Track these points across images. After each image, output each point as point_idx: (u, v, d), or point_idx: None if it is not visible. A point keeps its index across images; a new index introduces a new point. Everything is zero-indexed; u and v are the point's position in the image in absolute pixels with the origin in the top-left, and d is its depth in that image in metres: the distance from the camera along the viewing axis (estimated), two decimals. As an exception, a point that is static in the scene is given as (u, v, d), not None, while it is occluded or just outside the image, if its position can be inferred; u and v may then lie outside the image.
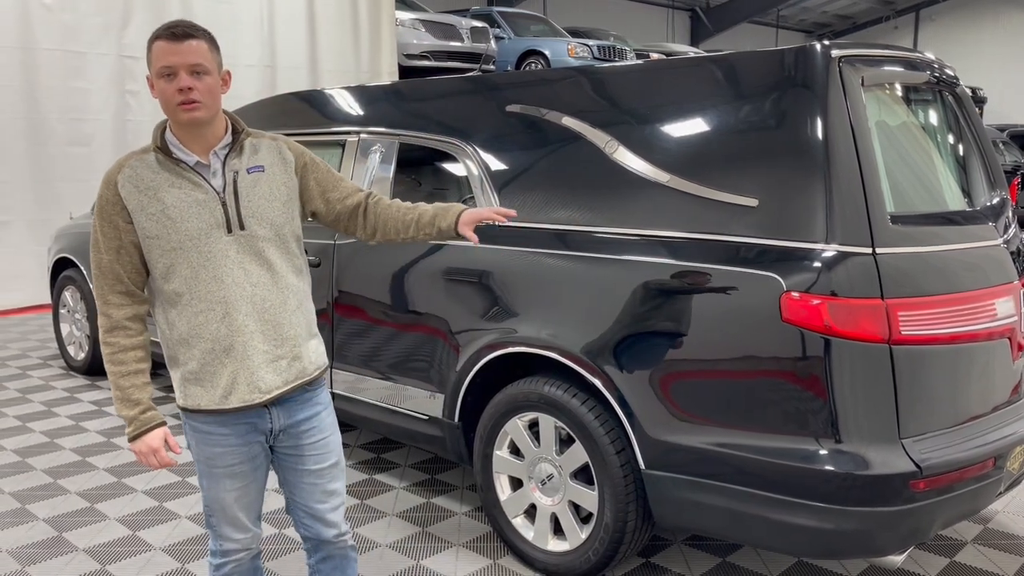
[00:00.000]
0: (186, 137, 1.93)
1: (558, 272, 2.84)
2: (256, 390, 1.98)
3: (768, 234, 2.45)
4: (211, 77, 1.88)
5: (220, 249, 1.93)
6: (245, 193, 1.96)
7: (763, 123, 2.52)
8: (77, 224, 5.65)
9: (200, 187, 1.93)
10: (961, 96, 3.01)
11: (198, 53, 1.86)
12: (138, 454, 1.97)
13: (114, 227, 1.92)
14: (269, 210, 1.99)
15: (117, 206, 1.91)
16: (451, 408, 3.17)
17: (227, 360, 1.95)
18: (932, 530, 2.41)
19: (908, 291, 2.35)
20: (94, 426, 4.56)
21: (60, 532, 3.32)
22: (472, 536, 3.26)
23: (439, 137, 3.36)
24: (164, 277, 1.94)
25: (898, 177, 2.58)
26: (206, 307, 1.93)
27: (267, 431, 2.05)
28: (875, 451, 2.30)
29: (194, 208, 1.91)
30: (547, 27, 14.66)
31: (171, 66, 1.83)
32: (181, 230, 1.90)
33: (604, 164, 2.85)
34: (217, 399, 1.97)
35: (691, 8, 27.16)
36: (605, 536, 2.75)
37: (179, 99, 1.84)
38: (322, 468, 2.13)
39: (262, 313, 1.97)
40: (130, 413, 1.95)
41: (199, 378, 1.97)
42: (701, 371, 2.51)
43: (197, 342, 1.95)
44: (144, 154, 1.95)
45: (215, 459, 2.02)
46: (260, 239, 1.97)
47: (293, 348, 2.03)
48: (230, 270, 1.94)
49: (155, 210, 1.90)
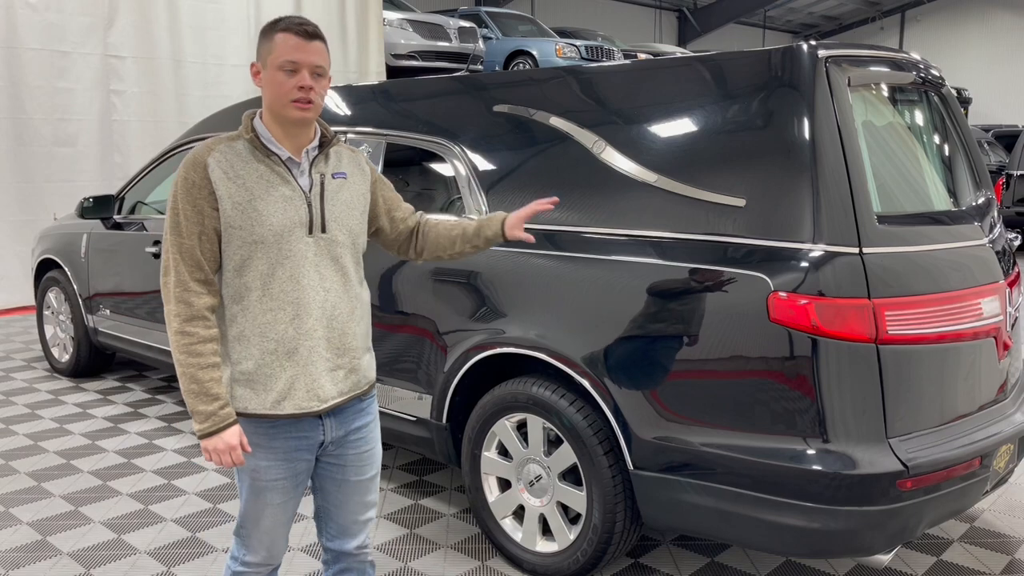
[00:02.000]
0: (281, 133, 1.90)
1: (546, 273, 2.84)
2: (315, 398, 1.91)
3: (756, 234, 2.45)
4: (325, 80, 1.89)
5: (300, 249, 1.88)
6: (330, 197, 1.94)
7: (750, 123, 2.52)
8: (61, 225, 5.60)
9: (288, 183, 1.89)
10: (947, 96, 3.03)
11: (322, 55, 1.86)
12: (212, 452, 1.86)
13: (199, 212, 1.84)
14: (349, 218, 1.97)
15: (205, 190, 1.84)
16: (439, 409, 3.16)
17: (288, 363, 1.89)
18: (919, 529, 2.42)
19: (895, 291, 2.36)
20: (78, 429, 4.52)
21: (44, 536, 3.28)
22: (460, 538, 3.25)
23: (426, 137, 3.35)
24: (237, 269, 1.87)
25: (885, 177, 2.58)
26: (277, 306, 1.87)
27: (317, 444, 1.98)
28: (862, 451, 2.31)
29: (281, 203, 1.87)
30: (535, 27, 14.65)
31: (296, 62, 1.82)
32: (266, 224, 1.85)
33: (592, 164, 2.84)
34: (269, 404, 1.89)
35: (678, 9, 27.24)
36: (593, 537, 2.74)
37: (297, 96, 1.83)
38: (362, 480, 2.07)
39: (331, 320, 1.93)
40: (208, 408, 1.84)
41: (252, 380, 1.89)
42: (689, 371, 2.51)
43: (259, 341, 1.87)
44: (232, 141, 1.90)
45: (260, 471, 1.94)
46: (338, 244, 1.94)
47: (352, 359, 1.99)
48: (307, 272, 1.89)
49: (242, 199, 1.84)
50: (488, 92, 3.25)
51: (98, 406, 4.92)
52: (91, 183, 8.32)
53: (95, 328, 5.19)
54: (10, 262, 8.05)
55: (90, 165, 8.42)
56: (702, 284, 2.48)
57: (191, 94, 8.96)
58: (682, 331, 2.51)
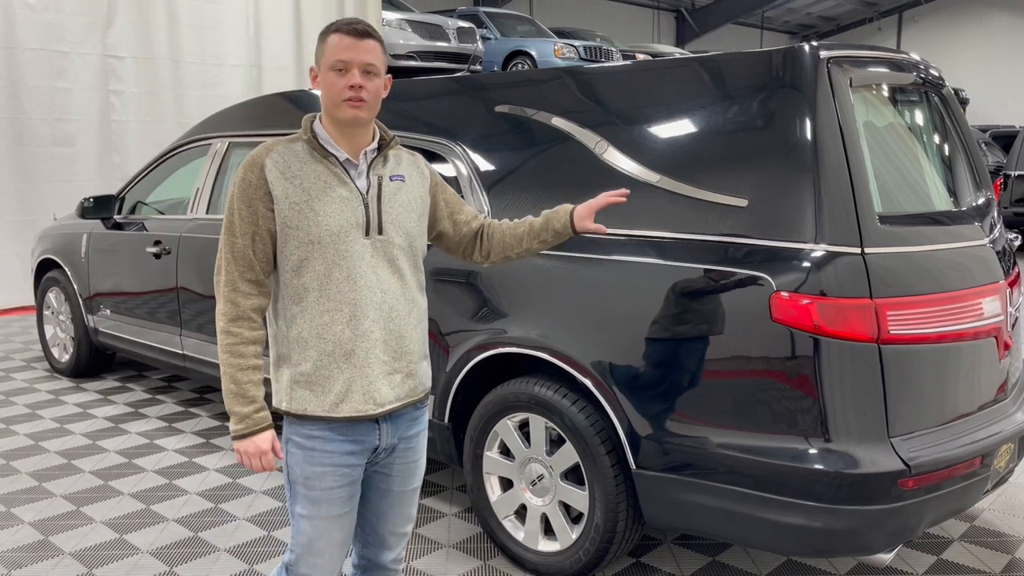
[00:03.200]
0: (338, 135, 1.90)
1: (549, 273, 2.84)
2: (371, 401, 1.89)
3: (758, 234, 2.46)
4: (379, 79, 1.88)
5: (356, 250, 1.87)
6: (388, 199, 1.93)
7: (753, 124, 2.53)
8: (61, 225, 5.60)
9: (346, 184, 1.89)
10: (947, 97, 3.04)
11: (373, 53, 1.85)
12: (243, 454, 1.85)
13: (253, 212, 1.85)
14: (407, 220, 1.96)
15: (260, 190, 1.85)
16: (441, 409, 3.16)
17: (345, 366, 1.87)
18: (920, 528, 2.43)
19: (896, 291, 2.37)
20: (79, 429, 4.52)
21: (46, 536, 3.29)
22: (462, 537, 3.25)
23: (428, 137, 3.35)
24: (295, 270, 1.86)
25: (886, 177, 2.59)
26: (334, 307, 1.86)
27: (372, 449, 1.95)
28: (864, 450, 2.32)
29: (338, 204, 1.86)
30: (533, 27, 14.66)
31: (347, 61, 1.82)
32: (323, 224, 1.84)
33: (594, 164, 2.85)
34: (328, 406, 1.87)
35: (676, 9, 27.26)
36: (596, 536, 2.75)
37: (348, 95, 1.83)
38: (405, 491, 2.05)
39: (388, 322, 1.90)
40: (244, 410, 1.84)
41: (311, 381, 1.88)
42: (692, 371, 2.52)
43: (317, 343, 1.86)
44: (291, 143, 1.91)
45: (315, 479, 1.90)
46: (395, 247, 1.92)
47: (410, 364, 1.96)
48: (363, 273, 1.88)
49: (299, 199, 1.84)
50: (490, 92, 3.26)
51: (98, 406, 4.92)
52: (90, 183, 8.32)
53: (95, 328, 5.19)
54: (9, 262, 8.04)
55: (89, 165, 8.41)
56: (704, 284, 2.49)
57: (190, 94, 8.96)
58: (684, 331, 2.52)
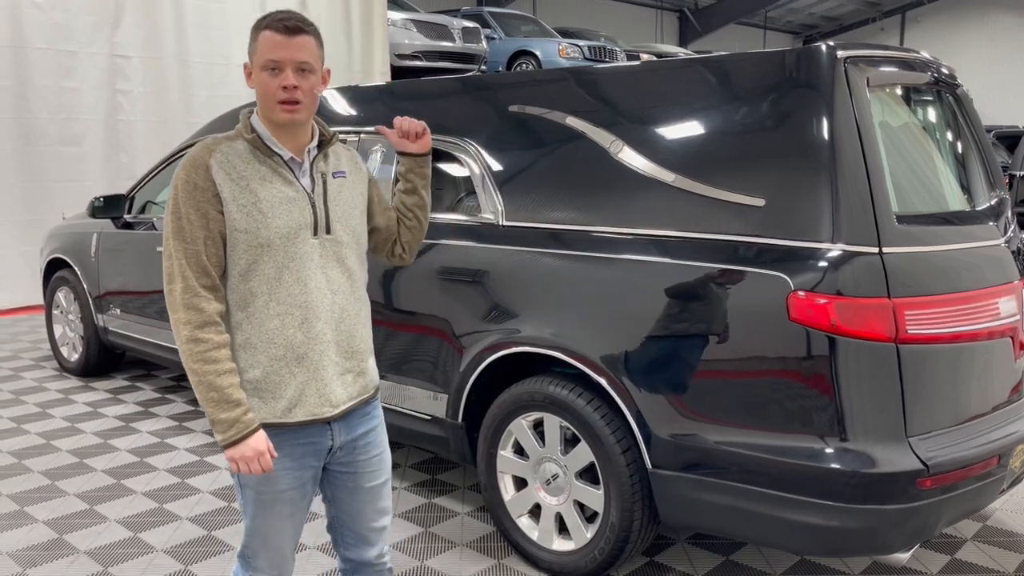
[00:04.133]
0: (278, 132, 1.84)
1: (564, 272, 2.85)
2: (326, 403, 1.87)
3: (775, 234, 2.46)
4: (315, 76, 1.82)
5: (306, 251, 1.84)
6: (333, 197, 1.90)
7: (769, 123, 2.54)
8: (70, 224, 5.61)
9: (292, 184, 1.85)
10: (961, 97, 3.04)
11: (307, 50, 1.79)
12: (240, 460, 1.78)
13: (203, 215, 1.77)
14: (352, 217, 1.94)
15: (208, 192, 1.77)
16: (455, 408, 3.17)
17: (298, 370, 1.84)
18: (938, 528, 2.43)
19: (914, 291, 2.37)
20: (90, 428, 4.53)
21: (60, 534, 3.29)
22: (476, 536, 3.26)
23: (441, 137, 3.35)
24: (243, 274, 1.81)
25: (902, 177, 2.59)
26: (284, 311, 1.82)
27: (326, 450, 1.94)
28: (882, 449, 2.32)
29: (285, 205, 1.82)
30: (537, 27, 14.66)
31: (278, 61, 1.76)
32: (272, 227, 1.79)
33: (608, 164, 2.85)
34: (279, 412, 1.84)
35: (679, 9, 27.25)
36: (611, 535, 2.75)
37: (281, 97, 1.77)
38: (374, 486, 2.04)
39: (339, 323, 1.89)
40: (231, 415, 1.77)
41: (259, 388, 1.84)
42: (708, 370, 2.52)
43: (266, 348, 1.82)
44: (231, 141, 1.84)
45: (266, 483, 1.88)
46: (343, 245, 1.90)
47: (360, 362, 1.96)
48: (313, 274, 1.85)
49: (247, 202, 1.79)
50: (503, 92, 3.26)
51: (109, 405, 4.93)
52: (97, 183, 8.33)
53: (105, 327, 5.20)
54: (15, 262, 8.05)
55: (96, 165, 8.42)
56: (721, 284, 2.49)
57: (197, 94, 8.97)
58: (701, 330, 2.52)
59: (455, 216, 3.28)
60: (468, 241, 3.15)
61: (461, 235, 3.19)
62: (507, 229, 3.06)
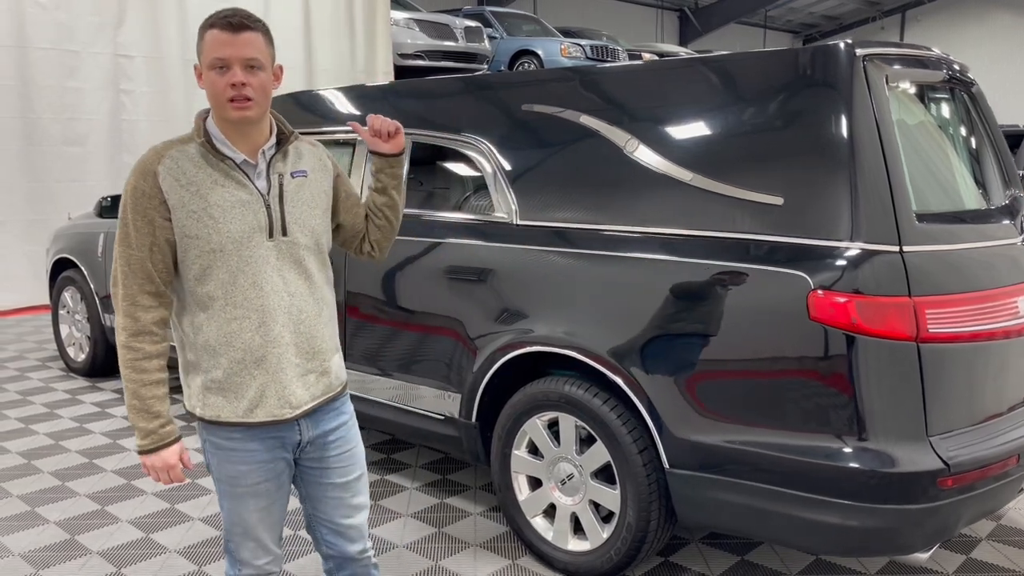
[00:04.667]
0: (232, 133, 1.82)
1: (578, 270, 2.84)
2: (287, 405, 1.88)
3: (794, 232, 2.45)
4: (265, 73, 1.79)
5: (261, 255, 1.83)
6: (290, 198, 1.88)
7: (788, 122, 2.53)
8: (76, 224, 5.59)
9: (245, 187, 1.83)
10: (976, 95, 3.03)
11: (254, 46, 1.76)
12: (150, 468, 1.86)
13: (149, 222, 1.78)
14: (311, 217, 1.92)
15: (155, 199, 1.78)
16: (468, 408, 3.16)
17: (257, 372, 1.85)
18: (958, 528, 2.42)
19: (934, 290, 2.36)
20: (99, 428, 4.52)
21: (72, 535, 3.28)
22: (489, 536, 3.25)
23: (453, 136, 3.34)
24: (198, 279, 1.82)
25: (919, 175, 2.59)
26: (241, 314, 1.82)
27: (295, 444, 1.95)
28: (903, 448, 2.31)
29: (238, 209, 1.81)
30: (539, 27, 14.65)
31: (225, 59, 1.74)
32: (223, 231, 1.79)
33: (624, 163, 2.84)
34: (241, 412, 1.86)
35: (679, 8, 27.24)
36: (628, 536, 2.75)
37: (230, 95, 1.75)
38: (348, 481, 2.03)
39: (298, 324, 1.88)
40: (148, 426, 1.83)
41: (223, 388, 1.86)
42: (726, 370, 2.51)
43: (226, 350, 1.83)
44: (184, 145, 1.83)
45: (239, 477, 1.90)
46: (301, 247, 1.89)
47: (323, 363, 1.95)
48: (269, 277, 1.84)
49: (197, 207, 1.79)
50: (516, 91, 3.25)
51: (116, 405, 4.92)
52: (100, 183, 8.32)
53: (112, 327, 5.19)
54: (19, 262, 8.04)
55: (99, 165, 8.42)
56: (739, 283, 2.48)
57: (201, 93, 8.83)
58: (719, 329, 2.51)
59: (468, 215, 3.27)
60: (482, 240, 3.14)
61: (474, 234, 3.18)
62: (522, 228, 3.05)
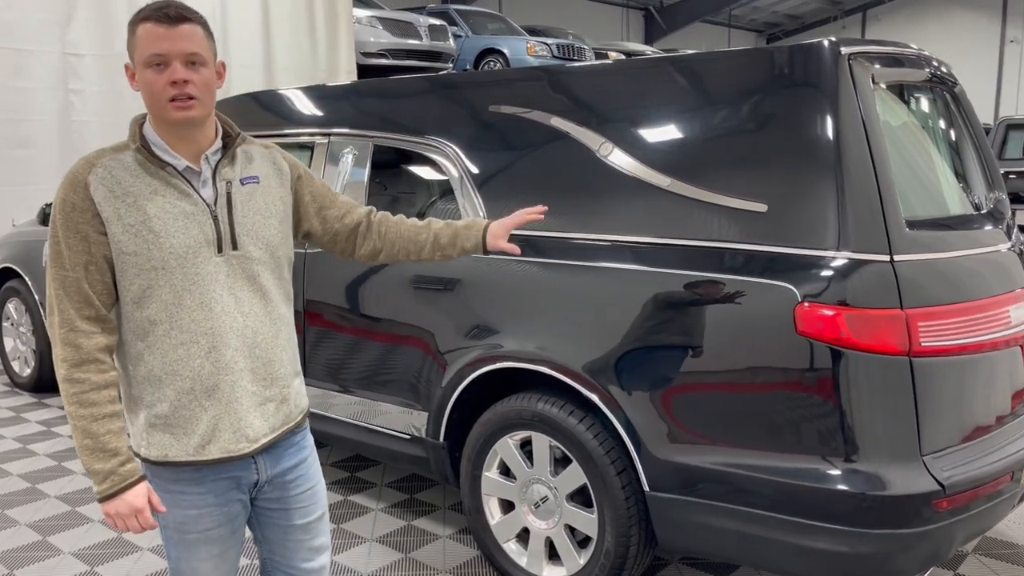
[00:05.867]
0: (172, 138, 1.64)
1: (550, 282, 2.68)
2: (243, 438, 1.69)
3: (779, 241, 2.31)
4: (207, 69, 1.61)
5: (209, 271, 1.64)
6: (240, 207, 1.69)
7: (771, 124, 2.39)
8: (21, 232, 5.32)
9: (188, 197, 1.64)
10: (959, 95, 2.93)
11: (194, 40, 1.59)
12: (115, 516, 1.59)
13: (83, 238, 1.58)
14: (265, 228, 1.72)
15: (87, 213, 1.58)
16: (436, 427, 2.98)
17: (208, 403, 1.65)
18: (952, 550, 2.31)
19: (927, 301, 2.24)
20: (43, 449, 4.26)
21: (11, 570, 3.05)
22: (460, 562, 3.07)
23: (416, 139, 3.17)
24: (137, 302, 1.62)
25: (907, 180, 2.47)
26: (188, 339, 1.63)
27: (251, 484, 1.76)
28: (896, 470, 2.19)
29: (181, 221, 1.62)
30: (504, 26, 14.47)
31: (162, 54, 1.56)
32: (165, 247, 1.60)
33: (597, 167, 2.69)
34: (192, 449, 1.66)
35: (645, 8, 27.25)
36: (606, 562, 2.59)
37: (171, 93, 1.57)
38: (309, 522, 1.85)
39: (253, 348, 1.69)
40: (105, 466, 1.58)
41: (169, 423, 1.65)
42: (708, 387, 2.37)
43: (172, 380, 1.64)
44: (118, 152, 1.65)
45: (188, 523, 1.71)
46: (254, 261, 1.69)
47: (282, 389, 1.76)
48: (219, 296, 1.65)
49: (134, 221, 1.59)
50: (484, 91, 3.08)
51: (63, 424, 4.66)
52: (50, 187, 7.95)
53: (59, 341, 4.92)
54: (-36, 270, 7.69)
55: (49, 167, 8.07)
56: (722, 294, 2.34)
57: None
58: (700, 344, 2.37)
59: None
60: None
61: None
62: (490, 237, 2.88)
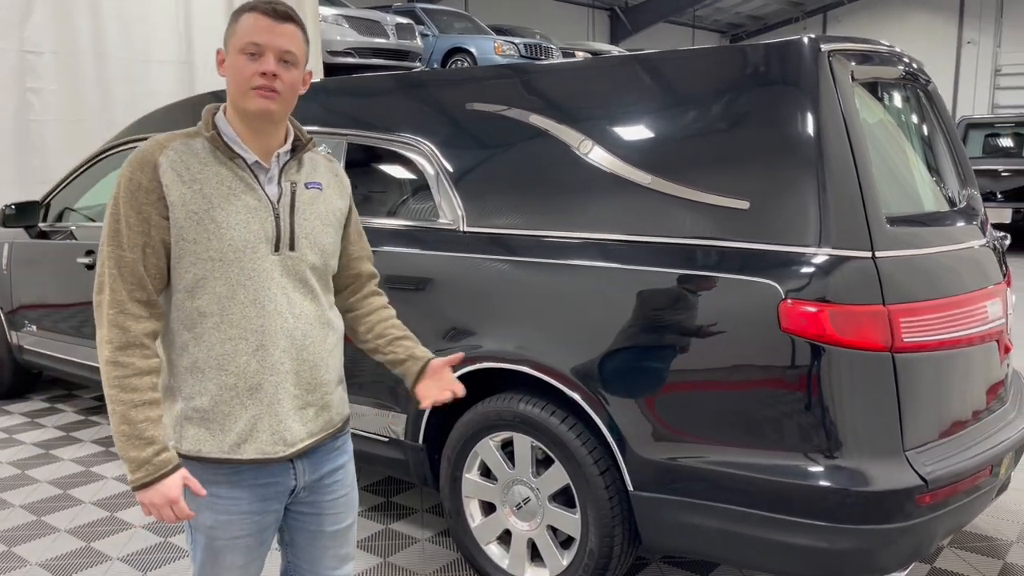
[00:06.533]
0: (245, 131, 1.63)
1: (531, 280, 2.65)
2: (280, 441, 1.65)
3: (762, 238, 2.31)
4: (297, 71, 1.62)
5: (265, 269, 1.62)
6: (302, 209, 1.67)
7: (752, 121, 2.39)
8: (-21, 233, 5.15)
9: (253, 191, 1.62)
10: (932, 92, 2.95)
11: (294, 40, 1.60)
12: (150, 506, 1.55)
13: (145, 220, 1.56)
14: (322, 234, 1.71)
15: (154, 194, 1.56)
16: (414, 429, 2.94)
17: (249, 402, 1.62)
18: (933, 545, 2.32)
19: (908, 296, 2.25)
20: (5, 457, 4.14)
21: (-28, 583, 2.95)
22: (439, 565, 3.03)
23: (391, 137, 3.12)
24: (189, 291, 1.59)
25: (885, 177, 2.48)
26: (237, 334, 1.60)
27: (289, 491, 1.72)
28: (880, 465, 2.19)
29: (244, 215, 1.60)
30: (471, 25, 14.42)
31: (261, 45, 1.57)
32: (225, 238, 1.58)
33: (577, 165, 2.67)
34: (227, 447, 1.62)
35: (610, 8, 27.36)
36: (590, 563, 2.57)
37: (258, 82, 1.56)
38: (339, 529, 1.82)
39: (300, 351, 1.66)
40: (141, 455, 1.54)
41: (207, 418, 1.62)
42: (691, 385, 2.36)
43: (216, 374, 1.61)
44: (189, 138, 1.63)
45: (218, 528, 1.66)
46: (308, 265, 1.67)
47: (324, 396, 1.73)
48: (273, 295, 1.62)
49: (198, 208, 1.57)
50: (461, 88, 3.04)
51: (26, 430, 4.53)
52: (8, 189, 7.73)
53: (20, 345, 4.79)
54: (-82, 273, 7.45)
55: (5, 169, 7.85)
56: (705, 292, 2.33)
57: (116, 91, 8.44)
58: (684, 342, 2.36)
59: (410, 222, 3.05)
60: (427, 249, 2.93)
61: (418, 242, 2.96)
62: (469, 236, 2.84)
